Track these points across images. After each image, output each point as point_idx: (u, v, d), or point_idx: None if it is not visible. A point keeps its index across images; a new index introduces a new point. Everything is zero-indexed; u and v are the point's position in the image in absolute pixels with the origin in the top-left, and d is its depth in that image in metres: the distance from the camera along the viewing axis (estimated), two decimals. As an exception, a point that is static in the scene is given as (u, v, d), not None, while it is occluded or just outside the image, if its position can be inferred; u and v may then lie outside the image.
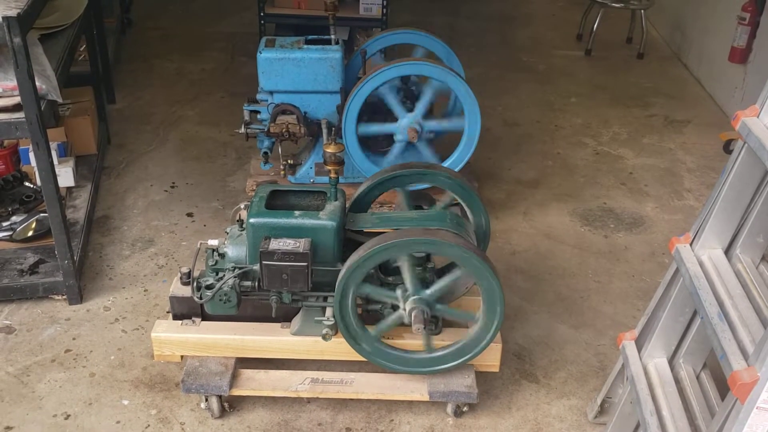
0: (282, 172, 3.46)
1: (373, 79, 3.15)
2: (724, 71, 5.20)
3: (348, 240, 2.53)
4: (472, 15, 6.91)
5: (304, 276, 2.36)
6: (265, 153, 3.40)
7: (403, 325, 2.50)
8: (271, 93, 3.31)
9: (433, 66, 3.22)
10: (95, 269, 3.35)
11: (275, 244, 2.35)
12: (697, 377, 2.25)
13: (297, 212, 2.44)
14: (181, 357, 2.64)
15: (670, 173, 4.41)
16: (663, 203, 4.09)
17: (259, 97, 3.36)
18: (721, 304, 1.85)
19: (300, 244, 2.35)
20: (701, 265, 2.02)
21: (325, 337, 2.44)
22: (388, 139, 3.40)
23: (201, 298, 2.46)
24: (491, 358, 2.59)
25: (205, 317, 2.66)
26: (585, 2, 6.58)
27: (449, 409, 2.60)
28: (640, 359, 2.28)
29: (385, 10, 4.73)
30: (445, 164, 3.38)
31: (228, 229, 2.60)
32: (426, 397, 2.53)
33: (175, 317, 2.68)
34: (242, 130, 3.34)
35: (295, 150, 3.76)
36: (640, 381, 2.20)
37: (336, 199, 2.49)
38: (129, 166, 4.19)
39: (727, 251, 2.06)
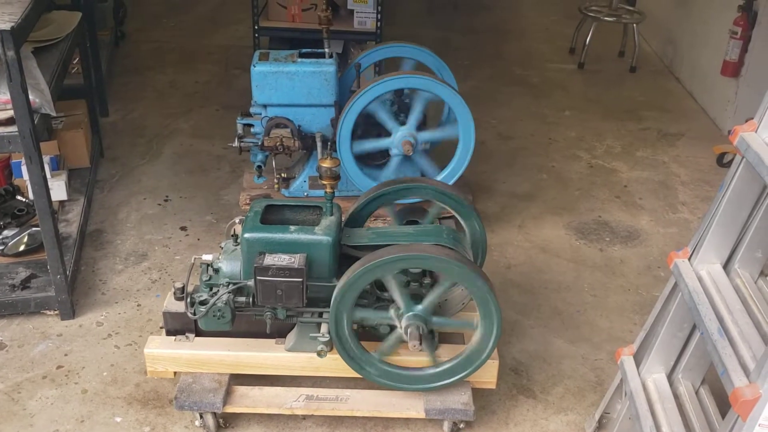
0: (276, 186, 3.44)
1: (366, 93, 3.14)
2: (717, 85, 5.22)
3: (344, 255, 2.51)
4: (465, 29, 6.94)
5: (299, 292, 2.34)
6: (259, 167, 3.39)
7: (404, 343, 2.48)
8: (265, 106, 3.30)
9: (424, 78, 3.21)
10: (88, 284, 3.32)
11: (270, 260, 2.32)
12: (696, 393, 2.24)
13: (292, 227, 2.42)
14: (175, 373, 2.61)
15: (664, 186, 4.41)
16: (658, 216, 4.09)
17: (252, 110, 3.35)
18: (721, 320, 1.84)
19: (295, 260, 2.33)
20: (700, 280, 2.01)
21: (320, 354, 2.42)
22: (384, 152, 3.39)
23: (195, 314, 2.43)
24: (488, 375, 2.57)
25: (199, 333, 2.63)
26: (577, 16, 6.61)
27: (446, 426, 2.57)
28: (639, 375, 2.26)
29: (379, 24, 4.73)
30: (440, 177, 3.37)
31: (222, 244, 2.58)
32: (422, 415, 2.51)
33: (169, 333, 2.65)
34: (236, 143, 3.33)
35: (288, 163, 3.74)
36: (639, 397, 2.18)
37: (332, 214, 2.48)
38: (122, 180, 4.17)
39: (726, 266, 2.05)
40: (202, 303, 2.42)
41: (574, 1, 7.48)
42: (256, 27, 4.73)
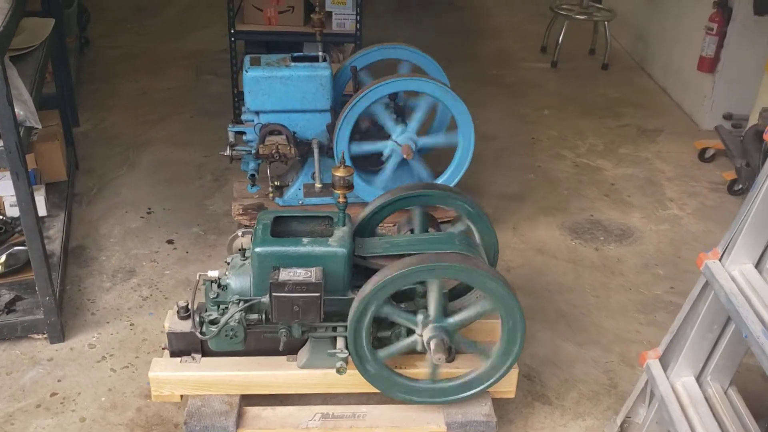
0: (270, 195, 3.32)
1: (367, 96, 3.05)
2: (692, 80, 5.27)
3: (357, 266, 2.42)
4: (437, 28, 6.89)
5: (317, 307, 2.24)
6: (252, 175, 3.27)
7: (414, 353, 2.40)
8: (257, 113, 3.18)
9: (428, 81, 3.14)
10: (75, 304, 3.15)
11: (285, 275, 2.22)
12: (726, 394, 2.21)
13: (305, 240, 2.32)
14: (181, 396, 2.48)
15: (650, 183, 4.42)
16: (648, 213, 4.09)
17: (243, 117, 3.23)
18: (763, 321, 1.81)
19: (311, 274, 2.23)
20: (734, 281, 1.98)
21: (339, 371, 2.32)
22: (378, 156, 3.30)
23: (205, 334, 2.31)
24: (507, 384, 2.51)
25: (206, 353, 2.51)
26: (547, 15, 6.62)
27: (466, 438, 2.50)
28: (668, 378, 2.22)
29: (359, 25, 4.64)
30: (441, 181, 3.30)
31: (229, 259, 2.46)
32: (443, 428, 2.43)
33: (173, 354, 2.52)
34: (227, 152, 3.20)
35: (279, 171, 3.62)
36: (671, 402, 2.14)
37: (344, 224, 2.38)
38: (100, 193, 3.99)
39: (757, 265, 2.02)
40: (213, 322, 2.30)
41: (541, 1, 7.53)
42: (232, 30, 4.59)
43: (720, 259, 2.06)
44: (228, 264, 2.45)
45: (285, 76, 3.09)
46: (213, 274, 2.41)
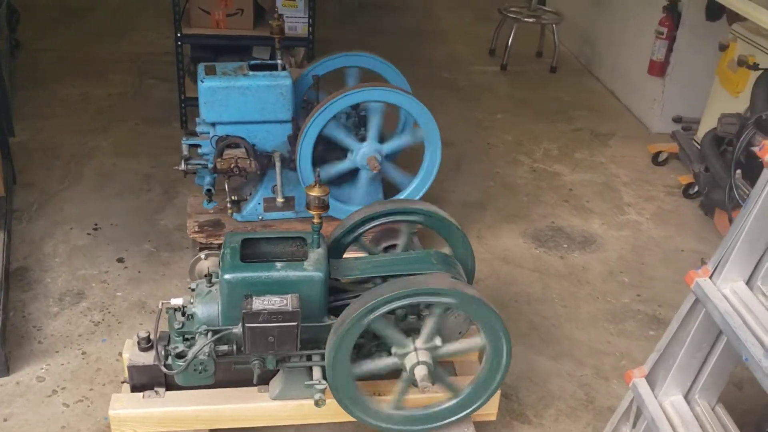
0: (229, 211, 3.15)
1: (326, 109, 2.92)
2: (642, 84, 5.32)
3: (332, 288, 2.29)
4: (383, 31, 6.79)
5: (294, 336, 2.10)
6: (209, 190, 3.10)
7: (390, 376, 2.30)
8: (213, 125, 3.01)
9: (389, 90, 3.03)
10: (19, 332, 2.93)
11: (259, 304, 2.08)
12: (713, 411, 2.18)
13: (278, 264, 2.18)
14: (144, 434, 2.31)
15: (607, 188, 4.43)
16: (608, 219, 4.08)
17: (198, 129, 3.06)
18: (762, 344, 1.77)
19: (287, 301, 2.09)
20: (727, 299, 1.94)
21: (318, 404, 2.19)
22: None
23: (170, 369, 2.15)
24: (489, 407, 2.43)
25: (170, 386, 2.34)
26: (490, 17, 6.61)
27: (449, 464, 2.41)
28: (656, 398, 2.17)
29: (311, 29, 4.49)
30: (413, 185, 3.20)
31: (193, 286, 2.30)
32: (426, 455, 2.33)
33: (135, 388, 2.34)
34: (182, 166, 3.02)
35: (234, 184, 3.44)
36: (662, 422, 2.10)
37: (319, 246, 2.25)
38: (42, 208, 3.74)
39: (748, 282, 1.99)
40: (180, 356, 2.14)
41: (482, 2, 7.54)
42: (178, 34, 4.37)
43: (711, 277, 2.01)
44: (193, 291, 2.29)
45: (243, 86, 2.93)
46: (177, 302, 2.25)
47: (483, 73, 6.14)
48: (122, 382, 2.41)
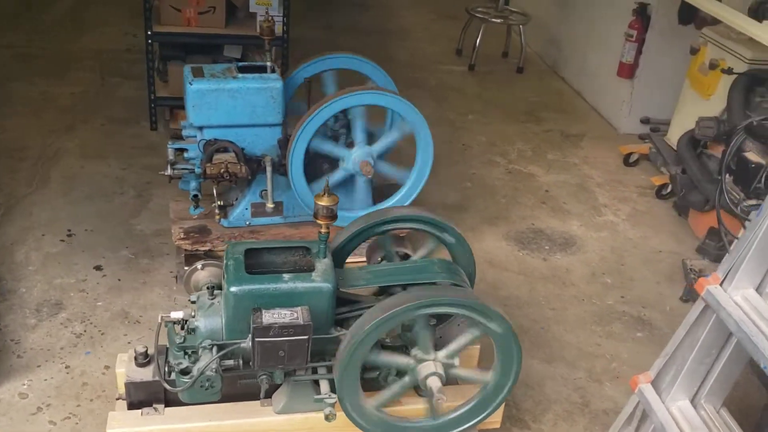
0: (217, 217, 3.06)
1: (323, 111, 2.86)
2: (611, 85, 5.39)
3: (339, 300, 2.24)
4: (348, 29, 6.73)
5: (305, 350, 2.05)
6: (195, 195, 3.00)
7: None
8: (201, 128, 2.92)
9: (382, 94, 2.99)
10: (-13, 347, 2.79)
11: (270, 317, 2.01)
12: (718, 414, 2.21)
13: (286, 275, 2.11)
14: (143, 453, 2.22)
15: (582, 189, 4.48)
16: (586, 221, 4.13)
17: (185, 133, 2.96)
18: (779, 351, 1.79)
19: (298, 315, 2.03)
20: (739, 306, 1.96)
21: (328, 418, 2.14)
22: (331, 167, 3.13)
23: (175, 386, 2.07)
24: (494, 415, 2.41)
25: (169, 402, 2.25)
26: (454, 16, 6.61)
27: (455, 474, 2.38)
28: (663, 403, 2.19)
29: (285, 27, 4.41)
30: (400, 194, 3.17)
31: (193, 298, 2.22)
32: (434, 466, 2.30)
33: (132, 406, 2.25)
34: (168, 171, 2.92)
35: (219, 189, 3.35)
36: (672, 428, 2.11)
37: (325, 256, 2.19)
38: (9, 214, 3.57)
39: (758, 289, 2.02)
40: (184, 372, 2.06)
41: (446, 2, 7.54)
42: (149, 32, 4.23)
43: (721, 284, 2.03)
44: (193, 303, 2.21)
45: (233, 88, 2.85)
46: (177, 315, 2.17)
47: (451, 73, 6.14)
48: (117, 399, 2.31)
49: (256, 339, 2.00)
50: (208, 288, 2.20)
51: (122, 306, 3.06)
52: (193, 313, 2.16)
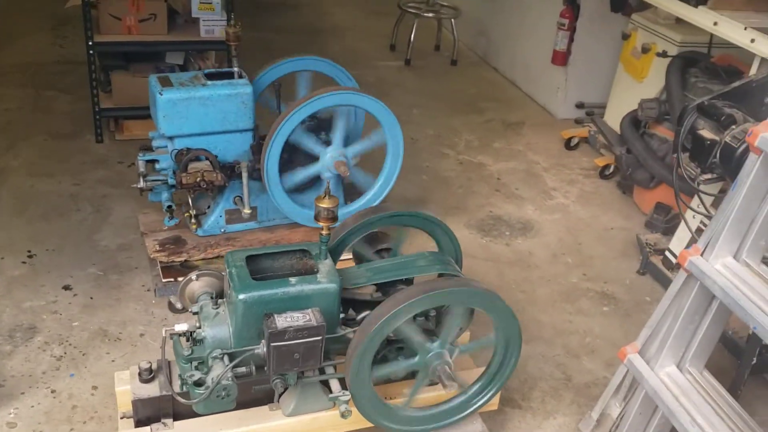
0: (193, 226, 3.04)
1: (297, 113, 2.88)
2: (544, 73, 5.59)
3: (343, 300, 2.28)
4: (278, 29, 6.72)
5: (318, 351, 2.08)
6: (170, 206, 2.97)
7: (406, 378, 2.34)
8: (172, 138, 2.89)
9: (357, 94, 3.04)
10: (-32, 378, 2.68)
11: (283, 321, 2.04)
12: (702, 376, 2.37)
13: (292, 279, 2.14)
14: (156, 469, 2.20)
15: (530, 174, 4.64)
16: (539, 204, 4.29)
17: (155, 144, 2.92)
18: (766, 313, 1.95)
19: (311, 317, 2.06)
20: (721, 274, 2.12)
21: (344, 415, 2.18)
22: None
23: (188, 398, 2.06)
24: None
25: (177, 416, 2.24)
26: (384, 12, 6.68)
27: (460, 457, 2.47)
28: (653, 370, 2.33)
29: (231, 32, 4.36)
30: (370, 194, 3.22)
31: (195, 309, 2.21)
32: (442, 452, 2.38)
33: (140, 423, 2.23)
34: (140, 183, 2.87)
35: (185, 198, 3.32)
36: (664, 393, 2.26)
37: (326, 257, 2.23)
38: (-38, 239, 3.43)
39: (735, 256, 2.18)
40: (198, 383, 2.05)
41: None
42: (90, 43, 4.12)
43: (702, 255, 2.19)
44: (196, 314, 2.20)
45: (204, 96, 2.83)
46: (181, 327, 2.15)
47: (388, 68, 6.22)
48: (122, 418, 2.27)
49: (272, 344, 2.02)
50: (212, 298, 2.20)
51: (99, 324, 3.00)
52: (198, 324, 2.16)
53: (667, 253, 3.55)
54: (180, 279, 2.89)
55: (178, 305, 2.98)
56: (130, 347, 2.90)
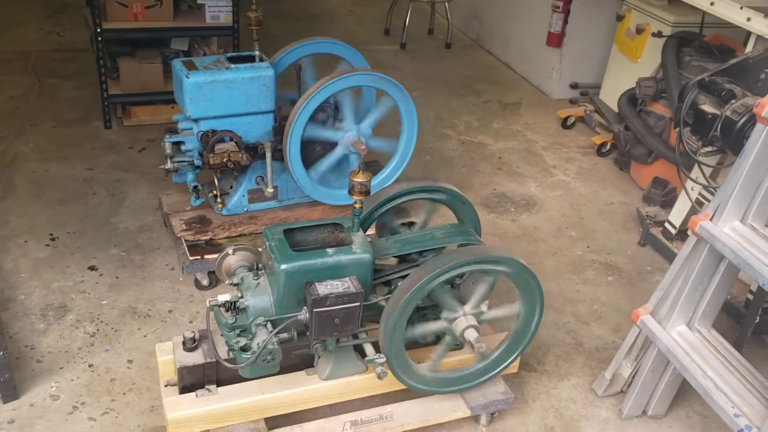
0: (219, 205, 3.14)
1: (318, 94, 2.98)
2: (538, 55, 5.73)
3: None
4: (273, 15, 6.77)
5: (356, 316, 2.21)
6: (195, 187, 3.07)
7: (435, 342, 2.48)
8: (197, 120, 2.98)
9: (375, 75, 3.15)
10: (12, 353, 2.77)
11: (324, 289, 2.16)
12: (710, 333, 2.53)
13: (329, 250, 2.26)
14: (200, 433, 2.32)
15: (530, 153, 4.78)
16: (540, 181, 4.43)
17: (181, 126, 3.01)
18: (774, 270, 2.10)
19: (349, 284, 2.19)
20: (731, 237, 2.27)
21: (380, 376, 2.31)
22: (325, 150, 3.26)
23: (235, 363, 2.18)
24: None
25: (220, 382, 2.36)
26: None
27: (483, 419, 2.61)
28: (665, 330, 2.49)
29: (236, 17, 4.45)
30: (387, 170, 3.34)
31: (236, 280, 2.32)
32: (468, 413, 2.53)
33: (185, 389, 2.34)
34: (168, 165, 2.96)
35: (206, 179, 3.42)
36: (677, 350, 2.41)
37: (359, 230, 2.35)
38: (-16, 223, 3.50)
39: (742, 220, 2.33)
40: (244, 349, 2.17)
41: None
42: (98, 30, 4.19)
43: (711, 219, 2.34)
44: (236, 286, 2.32)
45: (229, 79, 2.92)
46: (224, 298, 2.27)
47: (384, 52, 6.31)
48: (166, 386, 2.39)
49: (314, 310, 2.14)
50: (254, 269, 2.31)
51: (128, 302, 3.10)
52: (240, 295, 2.27)
53: (666, 224, 3.70)
54: (207, 257, 3.02)
55: (204, 282, 3.12)
56: (160, 323, 3.00)
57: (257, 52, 3.06)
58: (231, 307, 2.25)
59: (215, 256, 2.99)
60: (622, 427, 2.71)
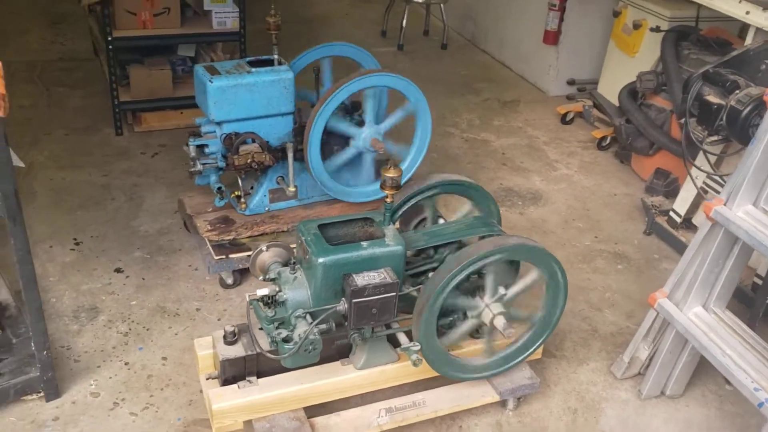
0: (242, 205, 3.23)
1: (336, 96, 3.08)
2: (534, 53, 5.85)
3: (402, 261, 2.50)
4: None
5: (392, 306, 2.31)
6: (219, 188, 3.16)
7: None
8: (220, 123, 3.07)
9: (391, 76, 3.25)
10: (51, 354, 2.84)
11: (362, 280, 2.26)
12: (725, 314, 2.64)
13: (364, 243, 2.36)
14: (243, 423, 2.41)
15: (533, 149, 4.90)
16: (544, 176, 4.55)
17: (204, 129, 3.09)
18: (788, 250, 2.22)
19: (386, 275, 2.29)
20: (745, 220, 2.39)
21: (415, 364, 2.40)
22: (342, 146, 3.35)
23: (277, 354, 2.27)
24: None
25: (260, 374, 2.45)
26: (374, 0, 6.84)
27: (510, 404, 2.72)
28: (683, 312, 2.60)
29: (243, 23, 4.54)
30: (405, 164, 3.45)
31: (272, 275, 2.41)
32: (497, 398, 2.63)
33: (226, 381, 2.43)
34: (196, 167, 3.04)
35: (228, 180, 3.49)
36: (696, 331, 2.53)
37: (389, 223, 2.45)
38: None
39: (754, 204, 2.45)
40: (286, 340, 2.27)
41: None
42: (109, 38, 4.26)
43: (725, 204, 2.45)
44: (273, 281, 2.41)
45: (250, 82, 3.01)
46: (263, 292, 2.36)
47: (383, 54, 6.40)
48: (207, 379, 2.47)
49: (353, 300, 2.23)
50: (291, 264, 2.40)
51: (156, 302, 3.18)
52: (278, 288, 2.36)
53: (671, 213, 3.83)
54: (231, 256, 3.10)
55: (229, 281, 3.20)
56: (190, 321, 3.08)
57: (276, 56, 3.15)
58: (270, 300, 2.34)
59: (240, 255, 3.11)
60: (642, 407, 2.82)
